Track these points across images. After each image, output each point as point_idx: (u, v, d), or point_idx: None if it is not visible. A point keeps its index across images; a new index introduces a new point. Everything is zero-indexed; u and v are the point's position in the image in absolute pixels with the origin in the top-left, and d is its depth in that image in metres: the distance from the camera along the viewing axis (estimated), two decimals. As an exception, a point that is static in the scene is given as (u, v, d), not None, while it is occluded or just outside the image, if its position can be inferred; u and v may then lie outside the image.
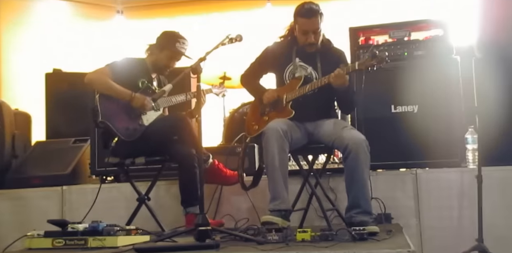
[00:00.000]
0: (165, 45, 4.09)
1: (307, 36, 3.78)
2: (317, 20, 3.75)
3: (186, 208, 3.87)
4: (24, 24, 6.85)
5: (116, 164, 4.05)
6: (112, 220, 3.50)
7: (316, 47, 3.83)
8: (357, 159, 3.45)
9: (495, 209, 3.90)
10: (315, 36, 3.78)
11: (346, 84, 3.62)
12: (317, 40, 3.80)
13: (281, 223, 3.40)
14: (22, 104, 5.87)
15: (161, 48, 4.10)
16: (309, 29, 3.77)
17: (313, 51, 3.84)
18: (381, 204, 4.05)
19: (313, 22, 3.75)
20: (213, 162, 4.09)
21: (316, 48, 3.83)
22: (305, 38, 3.80)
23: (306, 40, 3.79)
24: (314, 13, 3.74)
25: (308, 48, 3.84)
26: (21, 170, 5.01)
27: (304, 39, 3.80)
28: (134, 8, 7.57)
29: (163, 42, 4.11)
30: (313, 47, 3.83)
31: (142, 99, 3.95)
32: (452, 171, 4.15)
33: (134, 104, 3.94)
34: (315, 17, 3.74)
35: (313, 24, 3.75)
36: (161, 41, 4.11)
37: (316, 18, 3.74)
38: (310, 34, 3.77)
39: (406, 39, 4.46)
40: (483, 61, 4.23)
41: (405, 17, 5.31)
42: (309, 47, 3.83)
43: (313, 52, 3.84)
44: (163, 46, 4.09)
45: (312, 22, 3.75)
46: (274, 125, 3.60)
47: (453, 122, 4.20)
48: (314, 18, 3.74)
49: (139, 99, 3.94)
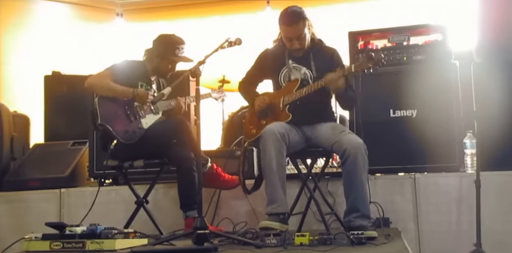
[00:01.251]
0: (166, 54, 4.08)
1: (292, 42, 3.79)
2: (298, 27, 3.74)
3: (186, 212, 3.86)
4: (23, 26, 6.86)
5: (114, 167, 4.04)
6: (110, 223, 3.49)
7: (304, 49, 3.82)
8: (355, 163, 3.45)
9: (493, 214, 3.89)
10: (300, 41, 3.78)
11: (342, 88, 3.63)
12: (302, 45, 3.79)
13: (279, 227, 3.39)
14: (21, 106, 5.87)
15: (161, 57, 4.09)
16: (291, 36, 3.77)
17: (305, 51, 3.84)
18: (380, 208, 4.04)
19: (295, 29, 3.74)
20: (212, 166, 4.08)
21: (305, 50, 3.83)
22: (290, 44, 3.80)
23: (291, 46, 3.80)
24: (295, 19, 3.73)
25: (295, 52, 3.84)
26: (19, 173, 5.01)
27: (289, 45, 3.81)
28: (133, 10, 7.58)
29: (163, 51, 4.08)
30: (300, 52, 3.83)
31: (145, 93, 3.97)
32: (451, 175, 4.15)
33: (137, 99, 3.95)
34: (296, 24, 3.73)
35: (294, 31, 3.75)
36: (161, 50, 4.09)
37: (297, 24, 3.73)
38: (294, 40, 3.77)
39: (405, 44, 4.46)
40: (482, 66, 4.24)
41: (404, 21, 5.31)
42: (296, 52, 3.84)
43: (305, 52, 3.84)
44: (164, 56, 4.08)
45: (293, 29, 3.74)
46: (271, 128, 3.60)
47: (451, 126, 4.20)
48: (295, 25, 3.73)
49: (142, 93, 3.96)
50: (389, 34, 4.51)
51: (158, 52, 4.10)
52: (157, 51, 4.10)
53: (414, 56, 4.42)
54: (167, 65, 4.11)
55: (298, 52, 3.84)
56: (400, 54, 4.44)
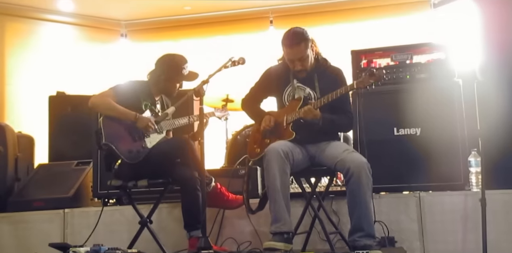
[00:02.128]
0: (172, 76, 4.10)
1: (294, 64, 3.80)
2: (300, 49, 3.74)
3: (190, 232, 3.84)
4: (28, 47, 6.92)
5: (118, 187, 4.03)
6: (114, 243, 3.49)
7: (307, 71, 3.83)
8: (359, 182, 3.44)
9: (500, 233, 3.87)
10: (302, 63, 3.78)
11: (317, 117, 3.64)
12: (304, 66, 3.80)
13: (283, 247, 3.37)
14: (25, 127, 5.88)
15: (169, 78, 4.10)
16: (293, 58, 3.78)
17: (309, 72, 3.85)
18: (385, 228, 4.02)
19: (296, 51, 3.75)
20: (216, 185, 4.07)
21: (308, 71, 3.84)
22: (292, 65, 3.82)
23: (294, 68, 3.81)
24: (297, 41, 3.74)
25: (299, 73, 3.85)
26: (23, 193, 5.00)
27: (292, 66, 3.82)
28: (138, 31, 7.65)
29: (169, 74, 4.09)
30: (303, 73, 3.84)
31: (146, 120, 3.97)
32: (456, 194, 4.13)
33: (138, 124, 3.95)
34: (298, 46, 3.73)
35: (295, 53, 3.75)
36: (167, 73, 4.08)
37: (299, 46, 3.73)
38: (296, 62, 3.78)
39: (408, 62, 4.47)
40: (485, 84, 4.25)
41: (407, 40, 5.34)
42: (299, 73, 3.85)
43: (310, 72, 3.85)
44: (170, 78, 4.10)
45: (295, 51, 3.75)
46: (275, 146, 3.60)
47: (456, 145, 4.19)
48: (296, 47, 3.74)
49: (144, 120, 3.96)
50: (392, 53, 4.52)
51: (165, 76, 4.10)
52: (164, 75, 4.10)
53: (417, 74, 4.42)
54: (175, 85, 4.14)
55: (301, 73, 3.85)
56: (403, 73, 4.45)
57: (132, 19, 7.55)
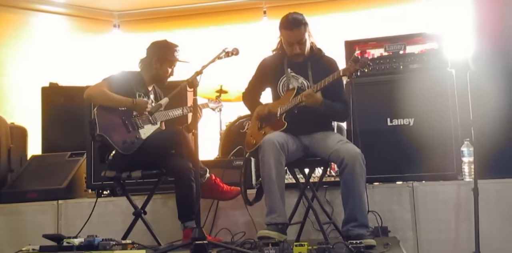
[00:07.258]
0: (165, 58, 4.12)
1: (292, 47, 3.81)
2: (300, 31, 3.77)
3: (184, 223, 3.85)
4: (21, 38, 6.87)
5: (112, 178, 4.03)
6: (108, 234, 3.49)
7: (304, 56, 3.85)
8: (353, 172, 3.45)
9: (492, 222, 3.90)
10: (300, 46, 3.81)
11: (319, 102, 3.64)
12: (302, 50, 3.82)
13: (277, 237, 3.39)
14: (18, 118, 5.87)
15: (161, 62, 4.12)
16: (293, 41, 3.79)
17: (304, 60, 3.86)
18: (378, 217, 4.03)
19: (296, 33, 3.77)
20: (210, 177, 4.08)
21: (304, 57, 3.85)
22: (290, 49, 3.83)
23: (292, 51, 3.82)
24: (297, 24, 3.76)
25: (295, 58, 3.86)
26: (16, 184, 4.99)
27: (290, 50, 3.83)
28: (131, 22, 7.60)
29: (162, 55, 4.12)
30: (300, 57, 3.85)
31: (145, 102, 4.01)
32: (449, 184, 4.15)
33: (138, 109, 3.97)
34: (298, 28, 3.76)
35: (296, 35, 3.78)
36: (160, 54, 4.12)
37: (299, 29, 3.77)
38: (295, 45, 3.80)
39: (402, 53, 4.47)
40: (478, 74, 4.26)
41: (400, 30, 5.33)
42: (296, 58, 3.86)
43: (304, 61, 3.86)
44: (163, 60, 4.12)
45: (295, 34, 3.77)
46: (270, 137, 3.61)
47: (449, 135, 4.20)
48: (296, 29, 3.76)
49: (142, 102, 3.99)
50: (385, 43, 4.52)
51: (157, 57, 4.12)
52: (156, 56, 4.13)
53: (410, 64, 4.43)
54: (167, 69, 4.15)
55: (297, 58, 3.85)
56: (397, 63, 4.46)
57: (125, 9, 7.50)
